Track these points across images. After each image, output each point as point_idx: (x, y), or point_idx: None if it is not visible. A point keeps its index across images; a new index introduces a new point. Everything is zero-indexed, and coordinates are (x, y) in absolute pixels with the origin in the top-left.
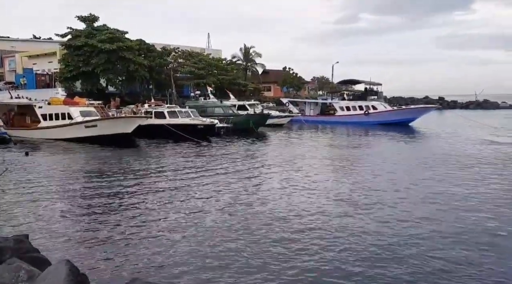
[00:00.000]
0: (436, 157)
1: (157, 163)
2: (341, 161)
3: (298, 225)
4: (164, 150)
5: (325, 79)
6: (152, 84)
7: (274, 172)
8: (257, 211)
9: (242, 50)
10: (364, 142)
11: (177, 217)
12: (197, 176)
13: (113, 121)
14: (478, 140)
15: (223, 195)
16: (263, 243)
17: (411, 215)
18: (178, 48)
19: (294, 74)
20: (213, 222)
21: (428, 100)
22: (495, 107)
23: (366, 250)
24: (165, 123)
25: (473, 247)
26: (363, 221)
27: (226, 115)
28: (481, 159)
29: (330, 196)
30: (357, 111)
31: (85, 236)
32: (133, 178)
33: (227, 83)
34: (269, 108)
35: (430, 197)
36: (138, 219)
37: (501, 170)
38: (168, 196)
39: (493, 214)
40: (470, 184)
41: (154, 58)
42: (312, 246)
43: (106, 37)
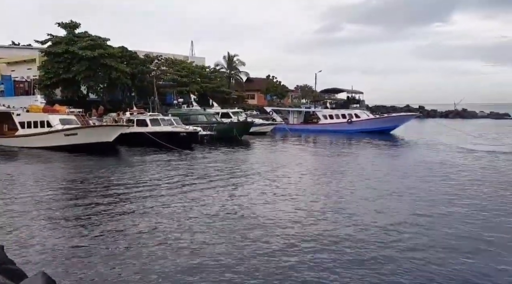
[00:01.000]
0: (417, 165)
1: (139, 172)
2: (324, 169)
3: (281, 233)
4: (146, 158)
5: (308, 87)
6: (134, 91)
7: (256, 180)
8: (239, 219)
9: (225, 58)
10: (348, 150)
11: (157, 226)
12: (179, 184)
13: (94, 129)
14: (456, 148)
15: (205, 204)
16: (244, 249)
17: (389, 222)
18: (161, 55)
19: (278, 83)
20: (194, 230)
21: (409, 108)
22: (474, 116)
23: (345, 257)
24: (147, 131)
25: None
26: (344, 228)
27: (209, 123)
28: (459, 167)
29: (312, 204)
30: (340, 119)
31: (63, 247)
32: (113, 188)
33: (210, 91)
34: (252, 116)
35: (409, 202)
36: (118, 229)
37: (478, 177)
38: (148, 205)
39: (473, 220)
40: (449, 192)
41: (136, 65)
42: (294, 254)
43: (87, 44)
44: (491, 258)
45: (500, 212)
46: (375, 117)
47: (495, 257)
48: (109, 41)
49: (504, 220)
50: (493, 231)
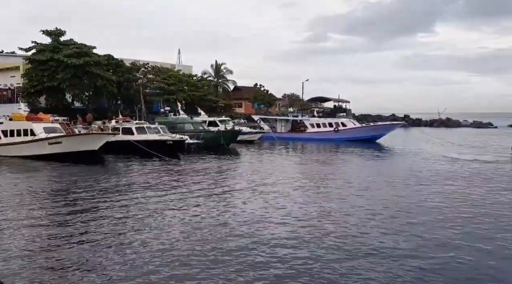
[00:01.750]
0: (403, 174)
1: (124, 181)
2: (312, 178)
3: (268, 242)
4: (132, 167)
5: (296, 96)
6: (120, 99)
7: (244, 189)
8: (226, 229)
9: (213, 67)
10: (335, 159)
11: (141, 237)
12: (164, 194)
13: (78, 137)
14: (440, 156)
15: (190, 213)
16: (232, 260)
17: (375, 230)
18: (148, 63)
19: (265, 91)
20: (179, 240)
21: (394, 117)
22: (457, 125)
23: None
24: (133, 139)
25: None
26: (334, 235)
27: (196, 131)
28: (443, 175)
29: (300, 213)
30: (327, 128)
31: (45, 260)
32: (98, 197)
33: (197, 99)
34: (240, 124)
35: (392, 212)
36: (102, 240)
37: (462, 185)
38: (133, 215)
39: (454, 226)
40: (435, 199)
41: (122, 73)
42: (281, 263)
43: (73, 51)
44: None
45: (483, 217)
46: (362, 126)
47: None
48: (95, 49)
49: (480, 226)
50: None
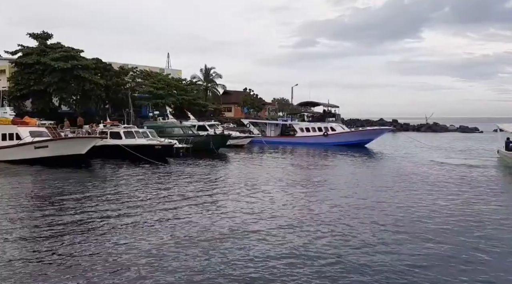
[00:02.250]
0: (390, 179)
1: (111, 185)
2: (301, 183)
3: (258, 247)
4: (119, 171)
5: (285, 100)
6: (108, 103)
7: (233, 194)
8: (211, 233)
9: (202, 71)
10: (324, 163)
11: (127, 242)
12: (152, 198)
13: (65, 141)
14: (427, 161)
15: (178, 219)
16: (215, 266)
17: (362, 236)
18: (136, 67)
19: (255, 95)
20: (166, 244)
21: (382, 122)
22: (444, 129)
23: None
24: (121, 143)
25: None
26: (324, 240)
27: (185, 135)
28: (430, 180)
29: (290, 217)
30: (316, 132)
31: (31, 266)
32: (84, 202)
33: (186, 103)
34: (229, 128)
35: (384, 214)
36: (89, 246)
37: (448, 189)
38: (120, 220)
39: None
40: (421, 204)
41: (111, 77)
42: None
43: (60, 55)
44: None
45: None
46: (351, 131)
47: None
48: (83, 52)
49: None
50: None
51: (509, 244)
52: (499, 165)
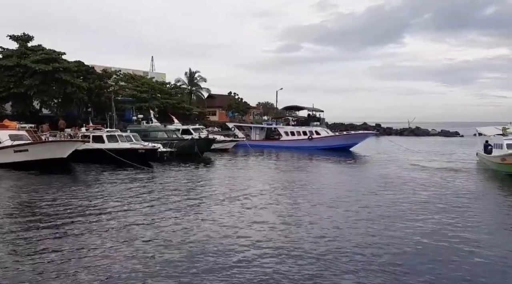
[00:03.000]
0: (374, 182)
1: (93, 190)
2: (285, 187)
3: (237, 251)
4: (102, 176)
5: (270, 104)
6: (90, 107)
7: (218, 199)
8: (194, 238)
9: (187, 74)
10: (309, 167)
11: (109, 246)
12: (134, 202)
13: (46, 145)
14: (409, 165)
15: (161, 225)
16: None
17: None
18: (120, 70)
19: (240, 99)
20: (148, 251)
21: (366, 126)
22: (426, 133)
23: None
24: (104, 147)
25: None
26: (309, 243)
27: (169, 139)
28: (411, 182)
29: (272, 223)
30: (301, 136)
31: (7, 275)
32: (66, 207)
33: (171, 107)
34: (214, 132)
35: (370, 217)
36: (68, 252)
37: (428, 192)
38: (102, 225)
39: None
40: (403, 207)
41: (93, 80)
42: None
43: (41, 57)
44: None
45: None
46: (335, 135)
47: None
48: (65, 55)
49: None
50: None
51: (485, 244)
52: (478, 168)
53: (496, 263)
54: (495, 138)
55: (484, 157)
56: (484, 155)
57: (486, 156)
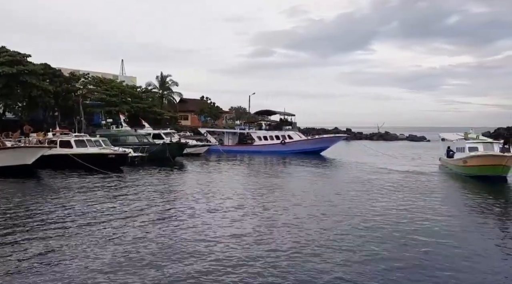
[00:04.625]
0: (344, 185)
1: (60, 197)
2: (257, 191)
3: (208, 255)
4: (70, 182)
5: (243, 109)
6: (57, 111)
7: (187, 203)
8: (164, 246)
9: (158, 78)
10: (282, 170)
11: (75, 255)
12: (103, 209)
13: (9, 151)
14: (378, 168)
15: (129, 230)
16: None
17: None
18: (88, 74)
19: (212, 104)
20: (118, 256)
21: (337, 130)
22: (395, 138)
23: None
24: (72, 153)
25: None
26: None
27: (140, 144)
28: (377, 185)
29: (244, 228)
30: (274, 140)
31: None
32: (30, 215)
33: (141, 111)
34: (186, 137)
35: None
36: (31, 262)
37: (393, 195)
38: (68, 234)
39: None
40: (367, 208)
41: (60, 83)
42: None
43: (4, 59)
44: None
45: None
46: (307, 139)
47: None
48: (30, 57)
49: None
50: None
51: (449, 239)
52: (440, 171)
53: (461, 261)
54: (458, 142)
55: (446, 161)
56: (447, 159)
57: (449, 160)
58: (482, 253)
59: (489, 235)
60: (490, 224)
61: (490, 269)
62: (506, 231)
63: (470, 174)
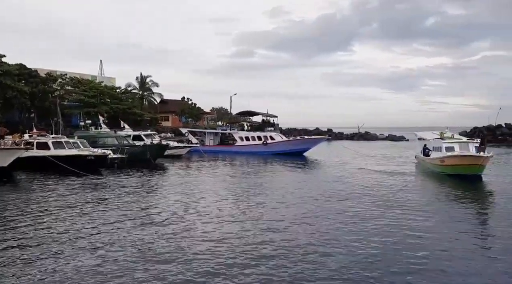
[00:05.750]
0: (324, 185)
1: (37, 200)
2: (238, 192)
3: (191, 256)
4: (47, 185)
5: (224, 110)
6: (34, 112)
7: (167, 205)
8: (143, 250)
9: (138, 79)
10: (264, 171)
11: (51, 259)
12: (81, 212)
13: None
14: (357, 169)
15: (111, 234)
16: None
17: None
18: (66, 74)
19: (193, 104)
20: (97, 260)
21: (318, 131)
22: (375, 138)
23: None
24: (49, 154)
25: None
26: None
27: (120, 145)
28: (357, 184)
29: (226, 227)
30: (256, 141)
31: None
32: (6, 219)
33: (121, 112)
34: (167, 138)
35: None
36: (7, 266)
37: (370, 192)
38: (44, 237)
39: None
40: (351, 206)
41: (37, 84)
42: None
43: None
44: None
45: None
46: (289, 140)
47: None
48: (5, 57)
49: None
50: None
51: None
52: (416, 169)
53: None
54: (434, 142)
55: (423, 160)
56: (424, 158)
57: (426, 158)
58: (457, 247)
59: (465, 229)
60: (467, 219)
61: (466, 267)
62: (477, 223)
63: (447, 173)
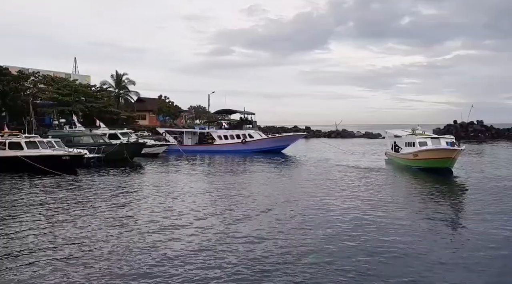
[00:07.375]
0: (302, 181)
1: (8, 202)
2: (215, 191)
3: (172, 256)
4: (20, 186)
5: (202, 108)
6: (5, 111)
7: (145, 205)
8: (122, 246)
9: (113, 77)
10: (243, 170)
11: (30, 262)
12: (56, 214)
13: None
14: (334, 165)
15: (83, 235)
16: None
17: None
18: (39, 72)
19: (171, 103)
20: (72, 265)
21: (296, 129)
22: (352, 135)
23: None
24: (22, 155)
25: None
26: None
27: (96, 144)
28: (332, 180)
29: (200, 229)
30: (234, 139)
31: None
32: None
33: (96, 111)
34: (143, 137)
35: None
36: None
37: (344, 187)
38: (17, 241)
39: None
40: (323, 202)
41: (8, 82)
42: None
43: None
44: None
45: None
46: (268, 137)
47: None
48: None
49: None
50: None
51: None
52: (386, 165)
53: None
54: (407, 138)
55: (394, 155)
56: (394, 154)
57: (397, 154)
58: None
59: (436, 223)
60: (438, 212)
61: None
62: (447, 217)
63: (420, 167)
